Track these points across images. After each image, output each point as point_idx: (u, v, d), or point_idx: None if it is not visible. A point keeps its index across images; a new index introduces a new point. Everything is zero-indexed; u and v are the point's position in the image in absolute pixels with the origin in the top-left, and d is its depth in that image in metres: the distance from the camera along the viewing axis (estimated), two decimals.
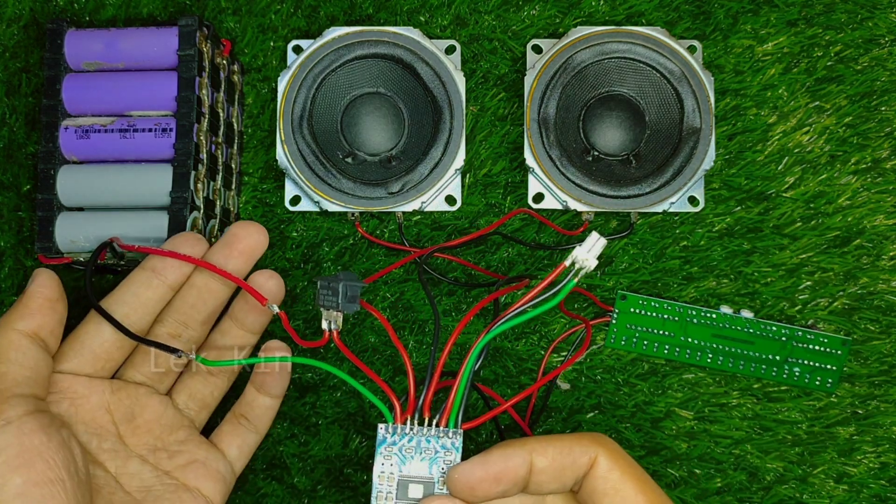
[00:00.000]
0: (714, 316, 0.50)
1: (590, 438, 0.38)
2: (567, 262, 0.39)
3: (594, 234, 0.39)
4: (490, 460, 0.38)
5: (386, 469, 0.40)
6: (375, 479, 0.40)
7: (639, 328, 0.51)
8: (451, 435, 0.40)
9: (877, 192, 0.53)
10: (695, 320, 0.51)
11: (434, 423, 0.40)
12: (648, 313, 0.51)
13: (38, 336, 0.42)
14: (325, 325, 0.42)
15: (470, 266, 0.52)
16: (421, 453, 0.40)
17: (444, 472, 0.39)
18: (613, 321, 0.51)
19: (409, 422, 0.40)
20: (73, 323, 0.53)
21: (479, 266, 0.52)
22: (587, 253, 0.39)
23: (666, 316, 0.51)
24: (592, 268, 0.39)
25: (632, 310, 0.51)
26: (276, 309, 0.44)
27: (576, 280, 0.39)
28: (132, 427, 0.45)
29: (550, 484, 0.38)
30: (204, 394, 0.48)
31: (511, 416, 0.51)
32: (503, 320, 0.39)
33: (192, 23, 0.48)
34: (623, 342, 0.51)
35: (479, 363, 0.40)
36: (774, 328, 0.50)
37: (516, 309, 0.39)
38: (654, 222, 0.53)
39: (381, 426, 0.40)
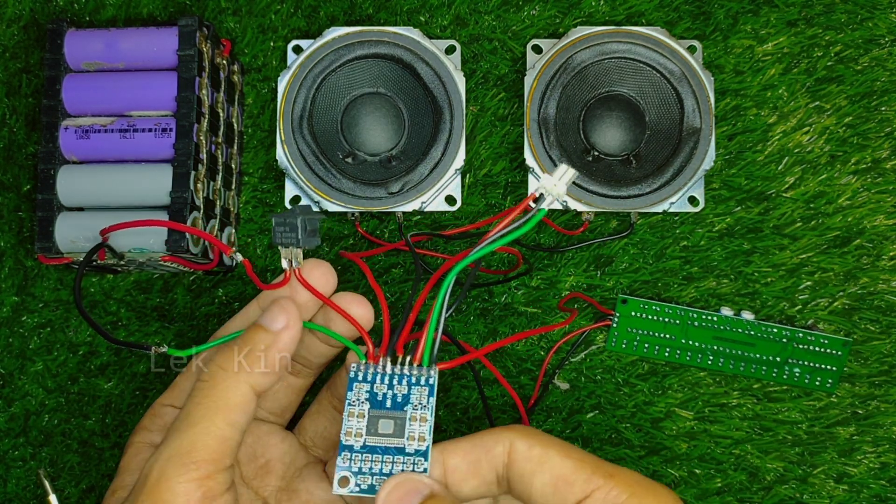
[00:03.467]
0: (715, 318, 0.50)
1: (500, 429, 0.37)
2: (536, 192, 0.38)
3: (564, 165, 0.38)
4: (399, 477, 0.36)
5: (356, 406, 0.39)
6: (346, 416, 0.39)
7: (639, 332, 0.51)
8: (423, 372, 0.39)
9: (877, 193, 0.53)
10: (695, 323, 0.51)
11: (407, 361, 0.39)
12: (649, 317, 0.51)
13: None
14: (284, 264, 0.42)
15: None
16: (392, 390, 0.39)
17: (416, 409, 0.39)
18: (614, 325, 0.51)
19: (381, 361, 0.39)
20: (68, 324, 0.53)
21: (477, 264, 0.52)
22: (557, 180, 0.38)
23: (667, 319, 0.51)
24: (563, 196, 0.38)
25: (632, 313, 0.51)
26: (239, 257, 0.44)
27: (546, 208, 0.38)
28: (255, 468, 0.44)
29: (470, 482, 0.37)
30: (326, 427, 0.46)
31: (515, 405, 0.51)
32: (476, 249, 0.38)
33: (192, 23, 0.48)
34: (624, 345, 0.51)
35: (453, 306, 0.39)
36: (775, 330, 0.50)
37: (488, 239, 0.38)
38: (655, 222, 0.53)
39: (353, 364, 0.40)
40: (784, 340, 0.50)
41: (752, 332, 0.50)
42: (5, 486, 0.52)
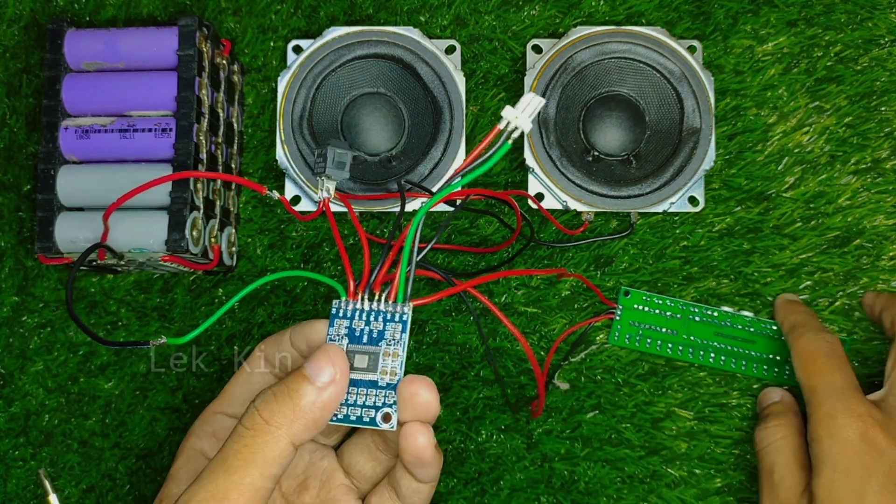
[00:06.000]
0: (716, 314, 0.51)
1: None
2: (501, 125, 0.38)
3: (529, 94, 0.38)
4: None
5: (336, 341, 0.40)
6: None
7: (642, 325, 0.51)
8: (398, 308, 0.40)
9: (877, 193, 0.53)
10: (697, 318, 0.51)
11: (383, 298, 0.40)
12: (651, 310, 0.51)
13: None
14: (318, 195, 0.43)
15: (463, 249, 0.52)
16: (369, 326, 0.40)
17: (389, 344, 0.40)
18: (617, 318, 0.51)
19: (360, 298, 0.40)
20: (68, 324, 0.53)
21: (468, 246, 0.52)
22: (521, 112, 0.38)
23: (668, 313, 0.51)
24: (528, 130, 0.38)
25: (635, 306, 0.51)
26: (276, 195, 0.44)
27: (510, 141, 0.38)
28: (295, 484, 0.44)
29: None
30: (360, 462, 0.45)
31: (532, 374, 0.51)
32: (444, 185, 0.40)
33: (192, 23, 0.48)
34: (627, 339, 0.51)
35: (429, 245, 0.41)
36: (775, 327, 0.51)
37: (457, 174, 0.40)
38: (655, 222, 0.53)
39: (334, 302, 0.41)
40: (783, 338, 0.50)
41: (753, 329, 0.51)
42: (5, 486, 0.52)
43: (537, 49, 0.53)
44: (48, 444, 0.52)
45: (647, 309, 0.51)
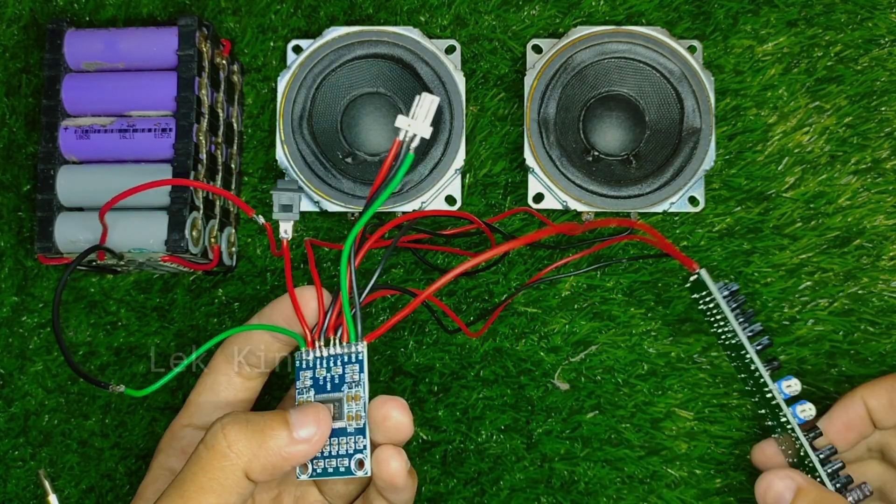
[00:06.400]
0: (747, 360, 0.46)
1: None
2: (399, 136, 0.37)
3: (424, 94, 0.36)
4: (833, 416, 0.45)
5: (304, 394, 0.40)
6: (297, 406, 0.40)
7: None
8: (352, 348, 0.39)
9: (877, 193, 0.53)
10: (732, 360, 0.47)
11: (337, 341, 0.40)
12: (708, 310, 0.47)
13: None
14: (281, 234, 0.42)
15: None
16: (330, 372, 0.40)
17: (350, 387, 0.39)
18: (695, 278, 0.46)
19: (316, 345, 0.40)
20: (67, 324, 0.53)
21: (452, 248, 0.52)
22: (413, 118, 0.36)
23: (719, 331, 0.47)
24: (427, 135, 0.36)
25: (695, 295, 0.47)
26: (261, 219, 0.43)
27: (412, 151, 0.37)
28: (269, 498, 0.43)
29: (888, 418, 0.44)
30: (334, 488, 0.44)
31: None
32: (363, 215, 0.38)
33: (192, 23, 0.48)
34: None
35: (373, 279, 0.39)
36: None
37: (370, 200, 0.38)
38: (655, 222, 0.53)
39: (296, 354, 0.40)
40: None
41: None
42: (5, 486, 0.52)
43: (537, 49, 0.53)
44: (48, 444, 0.52)
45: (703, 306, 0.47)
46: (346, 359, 0.39)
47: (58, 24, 0.49)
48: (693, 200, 0.52)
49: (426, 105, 0.36)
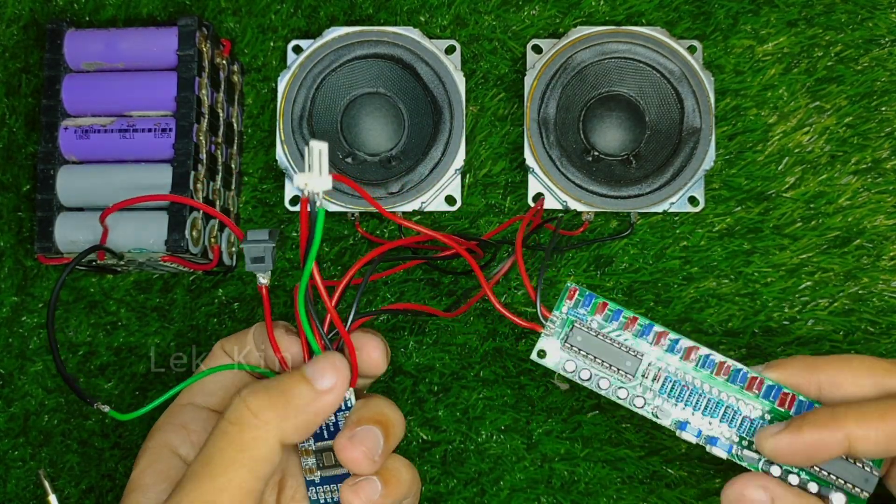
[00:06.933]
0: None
1: None
2: (303, 195, 0.35)
3: (312, 144, 0.34)
4: (802, 433, 0.37)
5: (305, 444, 0.40)
6: (301, 456, 0.40)
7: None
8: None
9: (877, 193, 0.53)
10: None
11: None
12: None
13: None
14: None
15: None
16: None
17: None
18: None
19: None
20: (67, 324, 0.53)
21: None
22: (309, 174, 0.34)
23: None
24: (328, 187, 0.34)
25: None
26: (262, 280, 0.40)
27: (319, 205, 0.35)
28: (272, 482, 0.41)
29: (874, 453, 0.37)
30: None
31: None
32: (303, 264, 0.36)
33: (192, 23, 0.48)
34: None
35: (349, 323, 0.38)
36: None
37: (302, 260, 0.36)
38: (655, 222, 0.53)
39: None
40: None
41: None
42: (5, 486, 0.52)
43: (537, 49, 0.53)
44: (48, 444, 0.52)
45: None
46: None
47: (58, 24, 0.49)
48: (693, 200, 0.52)
49: (316, 156, 0.34)
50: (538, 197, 0.52)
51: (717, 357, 0.41)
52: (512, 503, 0.51)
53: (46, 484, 0.46)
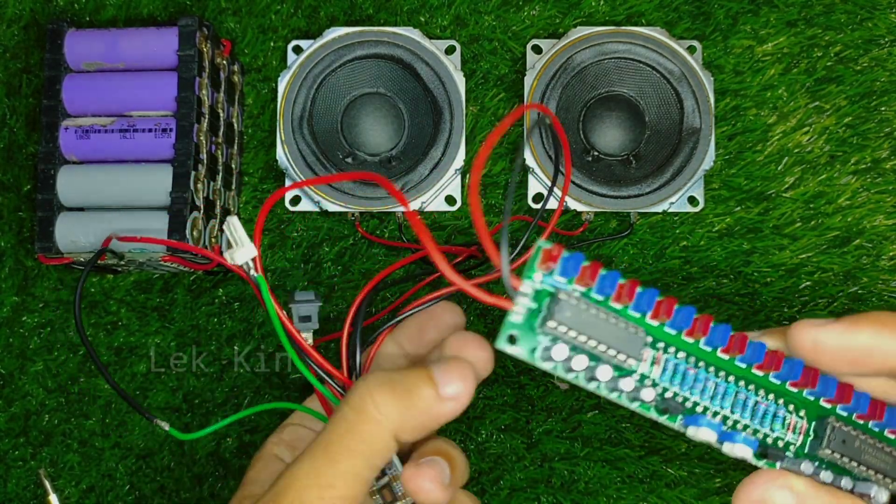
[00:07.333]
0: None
1: None
2: (242, 269, 0.37)
3: (226, 221, 0.36)
4: (859, 327, 0.31)
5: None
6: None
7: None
8: None
9: (876, 193, 0.53)
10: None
11: None
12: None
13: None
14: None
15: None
16: None
17: (389, 468, 0.38)
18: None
19: None
20: (68, 325, 0.53)
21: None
22: (233, 249, 0.36)
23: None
24: (254, 254, 0.36)
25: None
26: (253, 273, 0.41)
27: (255, 273, 0.37)
28: None
29: None
30: None
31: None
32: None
33: (192, 23, 0.48)
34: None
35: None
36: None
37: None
38: (654, 222, 0.53)
39: None
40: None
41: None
42: (5, 486, 0.52)
43: (537, 49, 0.53)
44: (48, 444, 0.52)
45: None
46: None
47: (58, 24, 0.49)
48: (693, 200, 0.52)
49: (230, 231, 0.36)
50: (539, 197, 0.52)
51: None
52: (512, 503, 0.51)
53: (47, 484, 0.46)
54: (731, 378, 0.33)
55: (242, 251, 0.36)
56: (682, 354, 0.33)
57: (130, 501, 0.52)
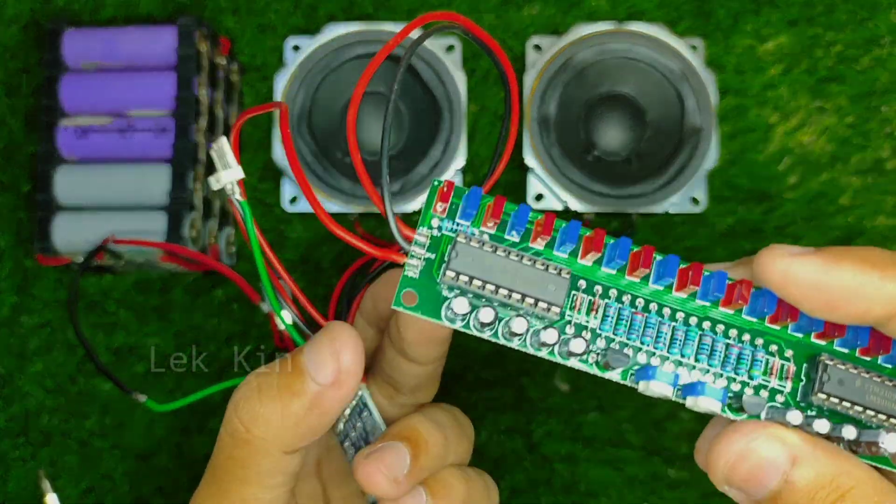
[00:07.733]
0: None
1: None
2: (230, 196, 0.33)
3: (213, 143, 0.32)
4: (841, 264, 0.25)
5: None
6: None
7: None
8: (355, 398, 0.38)
9: (878, 193, 0.52)
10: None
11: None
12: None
13: None
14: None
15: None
16: (356, 430, 0.38)
17: (374, 434, 0.36)
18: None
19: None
20: (62, 325, 0.53)
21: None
22: (217, 177, 0.32)
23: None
24: (240, 174, 0.32)
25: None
26: (265, 308, 0.40)
27: (238, 197, 0.32)
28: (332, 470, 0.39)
29: None
30: None
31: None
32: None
33: (191, 22, 0.48)
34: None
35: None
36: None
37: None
38: (656, 222, 0.53)
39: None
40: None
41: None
42: (5, 486, 0.52)
43: (537, 48, 0.53)
44: (48, 444, 0.52)
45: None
46: (358, 410, 0.37)
47: (57, 23, 0.49)
48: (694, 200, 0.52)
49: (217, 152, 0.32)
50: (539, 197, 0.52)
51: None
52: None
53: (46, 484, 0.46)
54: (694, 320, 0.29)
55: (228, 172, 0.33)
56: (626, 298, 0.28)
57: (130, 502, 0.52)
